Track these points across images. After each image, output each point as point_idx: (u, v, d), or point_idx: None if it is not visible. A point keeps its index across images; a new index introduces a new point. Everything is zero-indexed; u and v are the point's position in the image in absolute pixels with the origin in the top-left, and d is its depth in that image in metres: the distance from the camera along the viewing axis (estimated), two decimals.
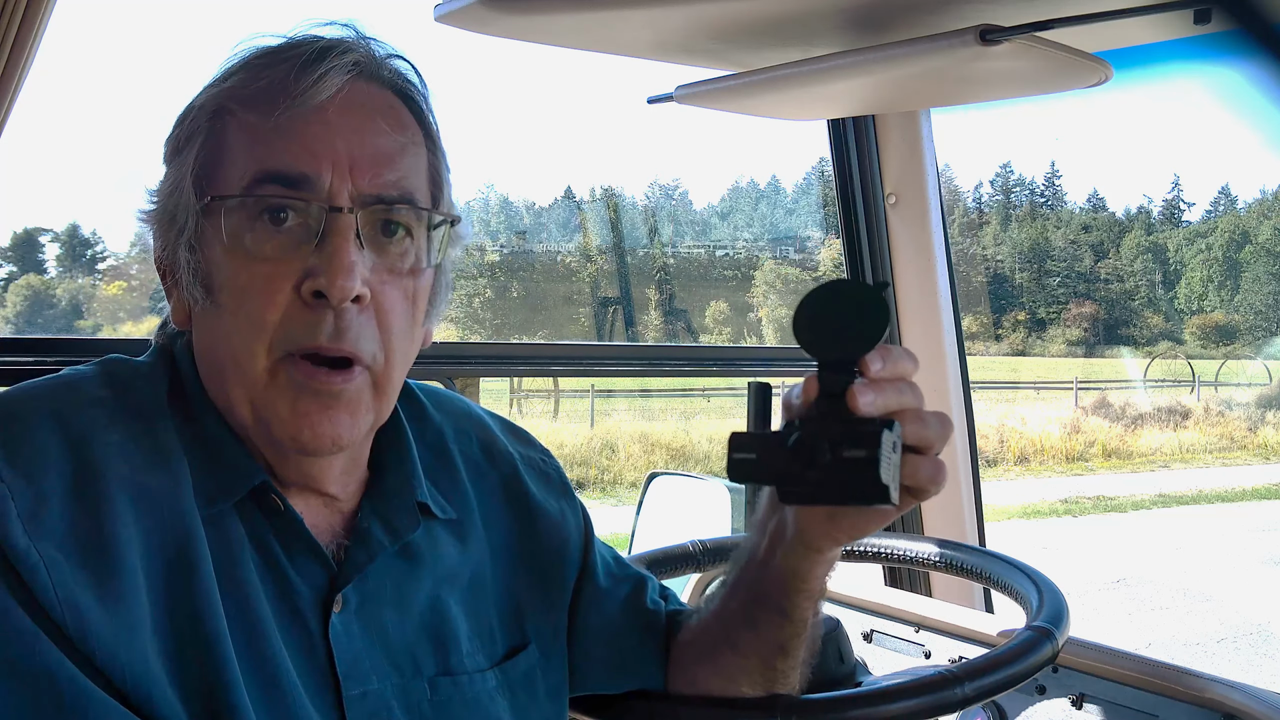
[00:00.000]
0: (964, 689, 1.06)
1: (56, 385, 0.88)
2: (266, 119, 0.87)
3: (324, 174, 0.87)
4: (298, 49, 0.89)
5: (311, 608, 0.90)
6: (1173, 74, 1.73)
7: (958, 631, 1.69)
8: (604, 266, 28.03)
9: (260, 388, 0.87)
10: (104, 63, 49.06)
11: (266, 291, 0.86)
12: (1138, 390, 27.78)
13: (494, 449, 1.12)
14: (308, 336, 0.86)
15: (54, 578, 0.76)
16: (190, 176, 0.89)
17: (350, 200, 0.87)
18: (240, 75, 0.90)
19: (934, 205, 2.30)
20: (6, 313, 22.53)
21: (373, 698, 0.90)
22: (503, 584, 1.06)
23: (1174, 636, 9.09)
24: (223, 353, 0.88)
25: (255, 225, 0.86)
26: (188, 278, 0.90)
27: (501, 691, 1.00)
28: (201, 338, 0.91)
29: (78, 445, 0.82)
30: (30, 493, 0.78)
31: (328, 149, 0.87)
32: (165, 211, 0.92)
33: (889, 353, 0.84)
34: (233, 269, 0.87)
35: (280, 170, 0.86)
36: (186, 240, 0.89)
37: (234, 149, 0.88)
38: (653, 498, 2.69)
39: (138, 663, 0.78)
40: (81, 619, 0.76)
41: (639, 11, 1.51)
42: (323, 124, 0.87)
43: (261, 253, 0.86)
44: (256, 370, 0.87)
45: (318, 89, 0.86)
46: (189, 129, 0.91)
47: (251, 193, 0.86)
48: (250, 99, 0.88)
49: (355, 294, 0.86)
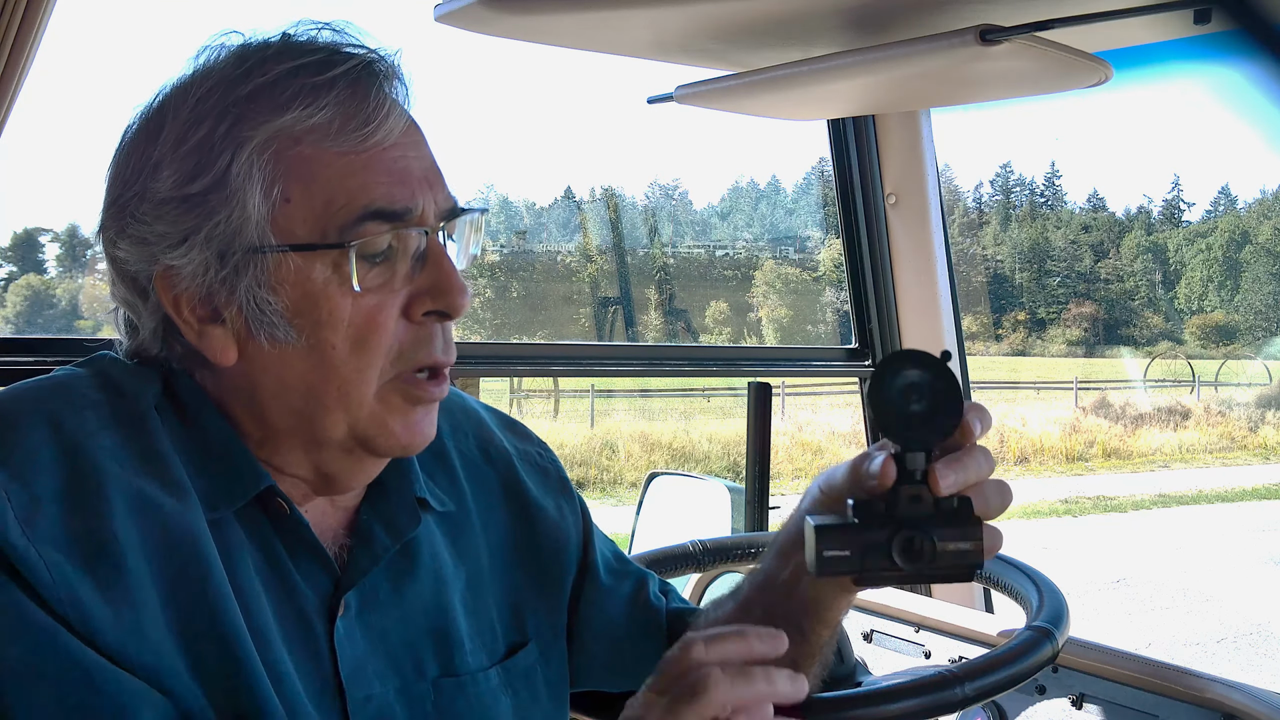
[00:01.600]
0: (964, 689, 1.06)
1: (48, 387, 0.87)
2: (349, 152, 0.86)
3: (420, 200, 0.88)
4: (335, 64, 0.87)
5: (317, 612, 0.89)
6: (1173, 74, 1.73)
7: (958, 631, 1.69)
8: (604, 266, 28.04)
9: (367, 411, 0.88)
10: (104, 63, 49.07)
11: (379, 322, 0.87)
12: (1138, 390, 27.78)
13: (491, 445, 1.12)
14: (425, 356, 0.89)
15: (55, 576, 0.76)
16: (257, 214, 0.85)
17: (435, 218, 0.90)
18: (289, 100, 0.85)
19: (934, 205, 2.30)
20: (6, 313, 22.52)
21: (377, 701, 0.90)
22: (502, 581, 1.05)
23: (1174, 636, 9.09)
24: (325, 387, 0.87)
25: (357, 261, 0.86)
26: (253, 316, 0.86)
27: (504, 690, 1.00)
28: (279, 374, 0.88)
29: (71, 449, 0.81)
30: (25, 496, 0.78)
31: (411, 176, 0.88)
32: (209, 249, 0.86)
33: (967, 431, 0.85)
34: (334, 304, 0.86)
35: (384, 207, 0.86)
36: (251, 279, 0.86)
37: (317, 185, 0.85)
38: (653, 498, 2.69)
39: (148, 656, 0.78)
40: (85, 616, 0.76)
41: (639, 11, 1.51)
42: (400, 149, 0.88)
43: (367, 285, 0.86)
44: (367, 396, 0.88)
45: (389, 120, 0.87)
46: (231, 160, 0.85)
47: (359, 234, 0.85)
48: (318, 130, 0.85)
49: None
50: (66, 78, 35.08)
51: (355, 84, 0.87)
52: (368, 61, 0.89)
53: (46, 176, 34.49)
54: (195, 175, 0.85)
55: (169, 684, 0.78)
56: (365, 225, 0.85)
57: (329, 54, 0.88)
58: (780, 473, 15.18)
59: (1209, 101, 44.73)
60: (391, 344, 0.88)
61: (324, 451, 0.90)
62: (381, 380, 0.88)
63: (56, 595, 0.76)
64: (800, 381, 18.59)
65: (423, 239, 0.89)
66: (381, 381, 0.88)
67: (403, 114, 0.90)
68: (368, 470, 0.94)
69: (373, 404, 0.88)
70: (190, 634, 0.80)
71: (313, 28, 0.91)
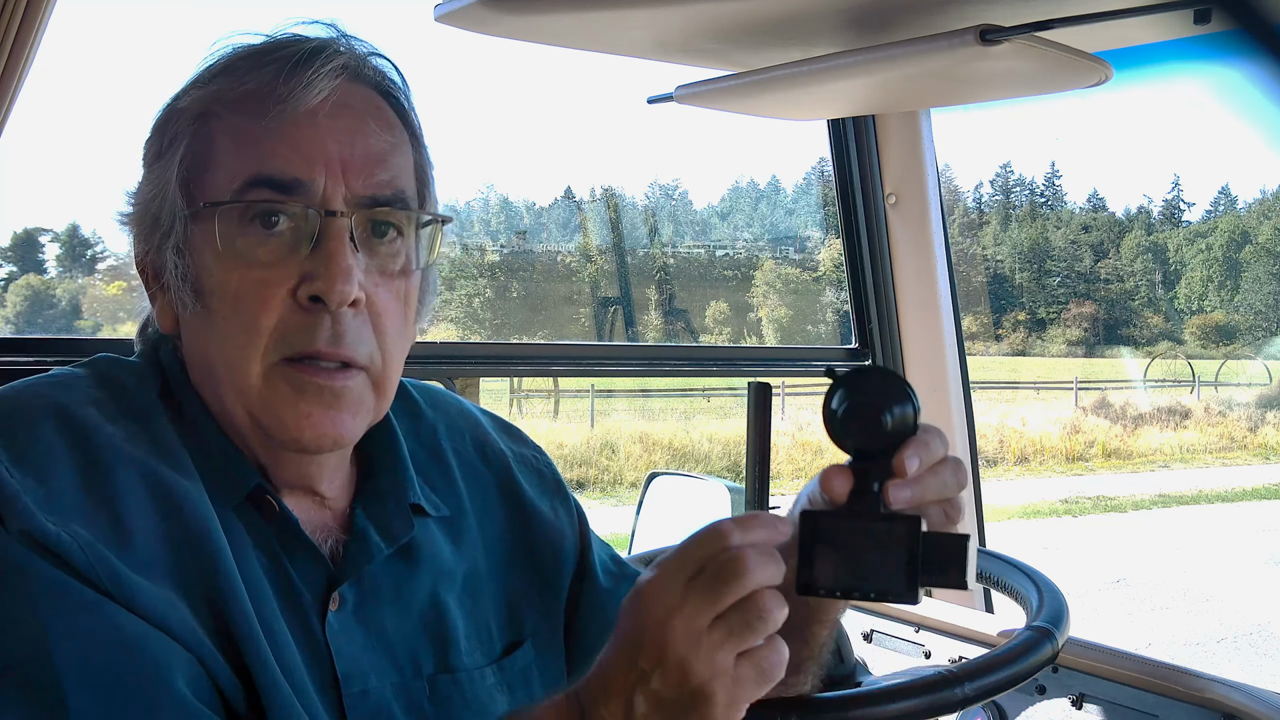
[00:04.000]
0: (964, 689, 1.06)
1: (52, 384, 0.87)
2: (256, 122, 0.86)
3: (317, 177, 0.86)
4: (283, 50, 0.89)
5: (313, 607, 0.90)
6: (1173, 74, 1.73)
7: (958, 631, 1.69)
8: (604, 266, 28.02)
9: (255, 392, 0.87)
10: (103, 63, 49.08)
11: (261, 297, 0.86)
12: (1138, 390, 27.77)
13: (487, 447, 1.12)
14: (305, 342, 0.86)
15: (89, 554, 0.77)
16: (176, 181, 0.89)
17: (344, 203, 0.87)
18: (224, 77, 0.89)
19: (934, 205, 2.30)
20: (6, 313, 22.51)
21: (373, 696, 0.91)
22: (498, 582, 1.06)
23: (1174, 636, 9.09)
24: (215, 357, 0.88)
25: (247, 230, 0.86)
26: (176, 282, 0.89)
27: (500, 689, 1.00)
28: (192, 342, 0.91)
29: (81, 440, 0.82)
30: (42, 491, 0.78)
31: (319, 152, 0.87)
32: (148, 215, 0.91)
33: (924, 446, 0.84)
34: (225, 274, 0.86)
35: (272, 175, 0.86)
36: (173, 245, 0.89)
37: (222, 153, 0.88)
38: (653, 498, 2.69)
39: (187, 629, 0.79)
40: (122, 584, 0.77)
41: (639, 11, 1.51)
42: (313, 127, 0.87)
43: (255, 258, 0.86)
44: (251, 375, 0.87)
45: (307, 92, 0.86)
46: (172, 132, 0.90)
47: (243, 198, 0.86)
48: (237, 102, 0.87)
49: (353, 298, 0.86)
50: (66, 78, 35.07)
51: (295, 65, 0.87)
52: (318, 48, 0.89)
53: (46, 176, 34.49)
54: (150, 151, 0.92)
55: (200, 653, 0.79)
56: (251, 191, 0.86)
57: (287, 40, 0.90)
58: (780, 473, 15.17)
59: (1209, 101, 44.73)
60: (274, 324, 0.86)
61: (247, 439, 0.90)
62: (266, 362, 0.87)
63: (94, 570, 0.76)
64: (800, 381, 18.60)
65: (318, 220, 0.87)
66: (266, 363, 0.87)
67: (332, 94, 0.88)
68: (303, 467, 0.93)
69: (260, 387, 0.87)
70: (207, 622, 0.81)
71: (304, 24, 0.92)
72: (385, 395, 0.93)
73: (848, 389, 0.84)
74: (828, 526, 0.82)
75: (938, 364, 2.33)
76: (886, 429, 0.83)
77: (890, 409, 0.83)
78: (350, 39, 0.94)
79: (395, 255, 0.92)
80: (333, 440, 0.89)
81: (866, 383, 0.84)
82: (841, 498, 0.85)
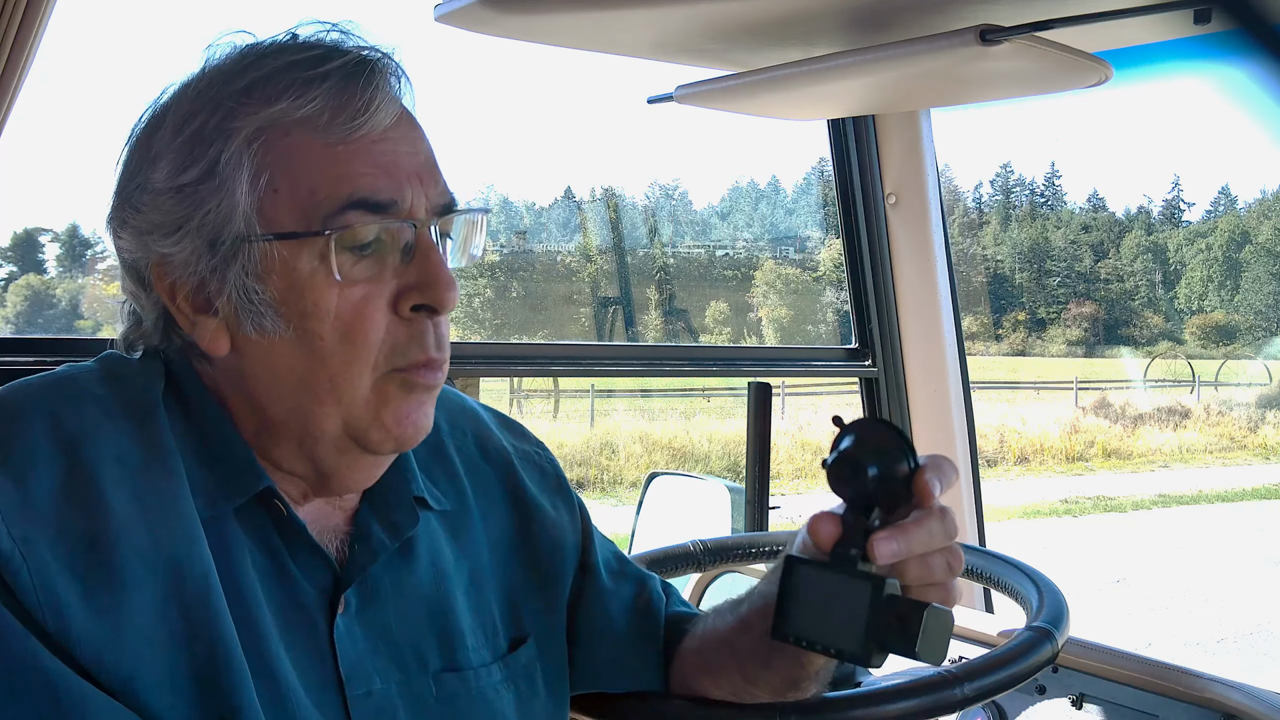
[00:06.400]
0: (963, 689, 1.06)
1: (53, 382, 0.87)
2: (337, 142, 0.86)
3: (406, 193, 0.88)
4: (331, 62, 0.87)
5: (318, 609, 0.90)
6: (1173, 74, 1.73)
7: (958, 631, 1.69)
8: (604, 266, 28.02)
9: (362, 405, 0.88)
10: (103, 63, 49.09)
11: (365, 313, 0.87)
12: (1138, 390, 27.77)
13: (489, 444, 1.12)
14: (417, 351, 0.88)
15: (36, 579, 0.76)
16: (245, 203, 0.85)
17: (426, 213, 0.89)
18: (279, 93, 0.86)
19: (934, 205, 2.30)
20: (6, 313, 22.50)
21: (377, 697, 0.90)
22: (502, 578, 1.06)
23: (1174, 636, 9.09)
24: (315, 378, 0.87)
25: (343, 250, 0.86)
26: (243, 305, 0.87)
27: (506, 685, 1.00)
28: (270, 364, 0.88)
29: (71, 445, 0.81)
30: (19, 495, 0.78)
31: (399, 168, 0.88)
32: (200, 238, 0.87)
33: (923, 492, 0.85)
34: (320, 295, 0.86)
35: (368, 196, 0.86)
36: (241, 268, 0.86)
37: (304, 175, 0.86)
38: (653, 498, 2.69)
39: (125, 665, 0.77)
40: (63, 619, 0.76)
41: (639, 11, 1.51)
42: (389, 142, 0.88)
43: (353, 276, 0.86)
44: (361, 389, 0.88)
45: (380, 110, 0.87)
46: (223, 151, 0.86)
47: (342, 221, 0.85)
48: (307, 121, 0.86)
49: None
50: (66, 78, 35.07)
51: (348, 78, 0.87)
52: (362, 57, 0.89)
53: (46, 176, 34.50)
54: (188, 165, 0.86)
55: (145, 697, 0.78)
56: (348, 214, 0.85)
57: (326, 50, 0.89)
58: (780, 473, 15.17)
59: (1209, 101, 44.74)
60: (382, 338, 0.87)
61: (318, 447, 0.90)
62: (375, 374, 0.88)
63: (36, 600, 0.76)
64: (800, 381, 18.58)
65: (411, 232, 0.88)
66: (375, 375, 0.88)
67: (396, 108, 0.89)
68: (364, 470, 0.94)
69: (367, 396, 0.88)
70: (181, 634, 0.80)
71: (320, 28, 0.91)
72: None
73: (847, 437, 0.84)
74: (804, 576, 0.82)
75: (938, 364, 2.33)
76: (875, 482, 0.82)
77: (881, 463, 0.82)
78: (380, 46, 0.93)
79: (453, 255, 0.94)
80: (423, 434, 0.92)
81: (865, 433, 0.84)
82: (825, 544, 0.85)
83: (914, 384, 2.37)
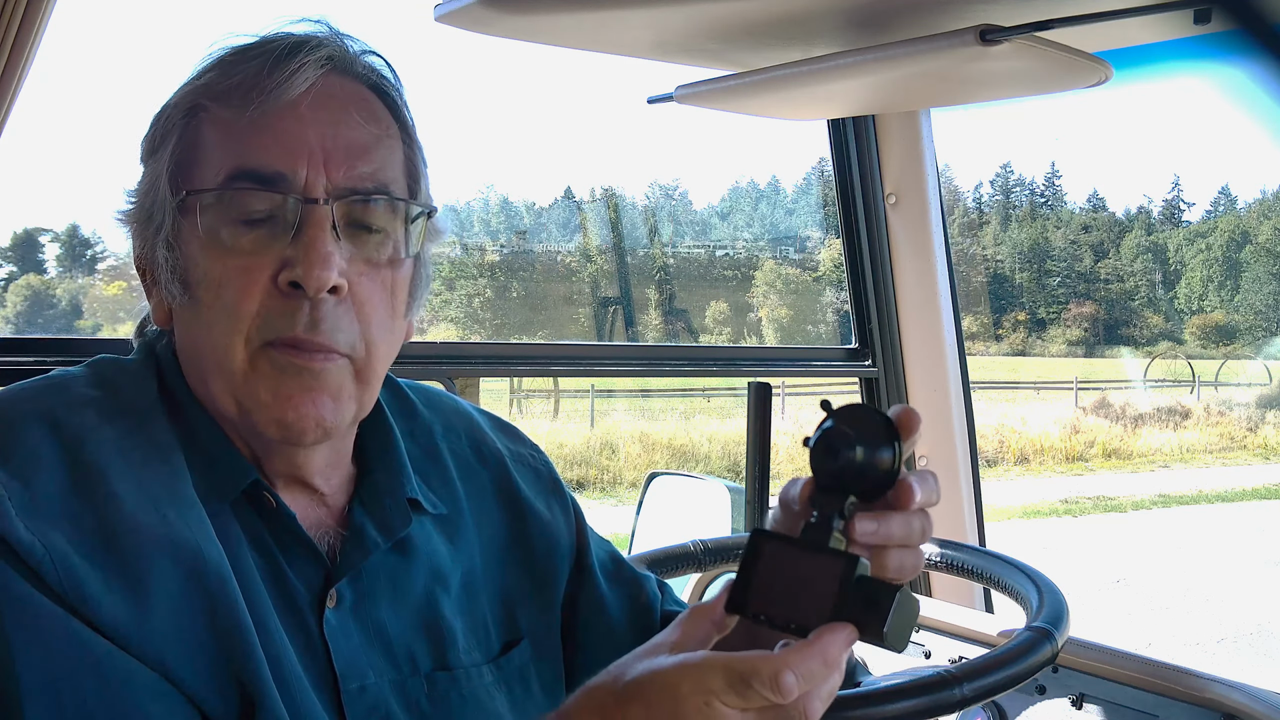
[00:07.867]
0: (963, 689, 1.06)
1: (46, 386, 0.88)
2: (240, 115, 0.88)
3: (299, 168, 0.87)
4: (269, 45, 0.90)
5: (309, 604, 0.90)
6: (1173, 74, 1.73)
7: (958, 631, 1.69)
8: (604, 266, 28.00)
9: (240, 378, 0.88)
10: (103, 63, 49.10)
11: (243, 283, 0.87)
12: (1138, 390, 27.78)
13: (483, 446, 1.12)
14: (285, 327, 0.87)
15: (60, 568, 0.76)
16: (166, 175, 0.90)
17: (325, 193, 0.88)
18: (213, 73, 0.91)
19: (934, 205, 2.30)
20: (6, 313, 22.50)
21: (370, 693, 0.91)
22: (495, 580, 1.06)
23: (1174, 636, 9.09)
24: (203, 347, 0.89)
25: (231, 220, 0.87)
26: (166, 275, 0.91)
27: (498, 687, 1.00)
28: (182, 334, 0.92)
29: (72, 446, 0.82)
30: (26, 494, 0.78)
31: (301, 143, 0.88)
32: (143, 211, 0.93)
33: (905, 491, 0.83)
34: (209, 263, 0.88)
35: (255, 167, 0.87)
36: (164, 238, 0.90)
37: (208, 146, 0.89)
38: (653, 498, 2.69)
39: (153, 650, 0.78)
40: (90, 606, 0.77)
41: (639, 11, 1.51)
42: (295, 118, 0.88)
43: (238, 246, 0.87)
44: (236, 361, 0.87)
45: (290, 84, 0.87)
46: (164, 128, 0.92)
47: (227, 188, 0.87)
48: (223, 95, 0.89)
49: (332, 284, 0.86)
50: (66, 78, 35.08)
51: (279, 58, 0.88)
52: (302, 41, 0.90)
53: (46, 176, 34.50)
54: (150, 147, 0.93)
55: (176, 675, 0.78)
56: (234, 183, 0.87)
57: (274, 36, 0.92)
58: (781, 473, 15.17)
59: (1209, 101, 44.74)
60: (255, 310, 0.87)
61: (241, 431, 0.91)
62: (250, 347, 0.87)
63: (63, 586, 0.76)
64: (800, 381, 18.59)
65: (299, 208, 0.87)
66: (250, 349, 0.87)
67: (322, 87, 0.89)
68: (290, 460, 0.93)
69: (246, 372, 0.88)
70: (205, 620, 0.81)
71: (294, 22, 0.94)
72: (369, 385, 0.93)
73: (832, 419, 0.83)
74: (772, 550, 0.80)
75: (938, 364, 2.33)
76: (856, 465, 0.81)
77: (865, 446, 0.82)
78: (342, 36, 0.95)
79: (381, 245, 0.92)
80: (314, 423, 0.88)
81: (852, 417, 0.83)
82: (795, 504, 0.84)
83: (914, 384, 2.37)
